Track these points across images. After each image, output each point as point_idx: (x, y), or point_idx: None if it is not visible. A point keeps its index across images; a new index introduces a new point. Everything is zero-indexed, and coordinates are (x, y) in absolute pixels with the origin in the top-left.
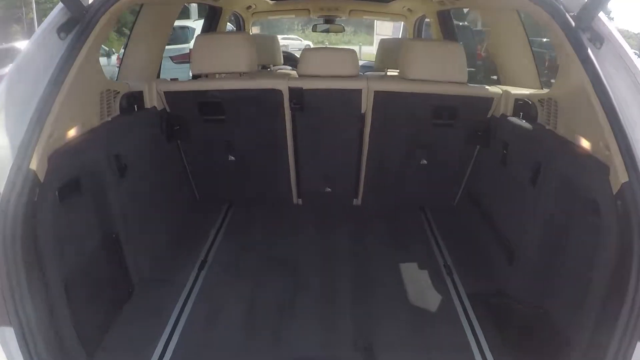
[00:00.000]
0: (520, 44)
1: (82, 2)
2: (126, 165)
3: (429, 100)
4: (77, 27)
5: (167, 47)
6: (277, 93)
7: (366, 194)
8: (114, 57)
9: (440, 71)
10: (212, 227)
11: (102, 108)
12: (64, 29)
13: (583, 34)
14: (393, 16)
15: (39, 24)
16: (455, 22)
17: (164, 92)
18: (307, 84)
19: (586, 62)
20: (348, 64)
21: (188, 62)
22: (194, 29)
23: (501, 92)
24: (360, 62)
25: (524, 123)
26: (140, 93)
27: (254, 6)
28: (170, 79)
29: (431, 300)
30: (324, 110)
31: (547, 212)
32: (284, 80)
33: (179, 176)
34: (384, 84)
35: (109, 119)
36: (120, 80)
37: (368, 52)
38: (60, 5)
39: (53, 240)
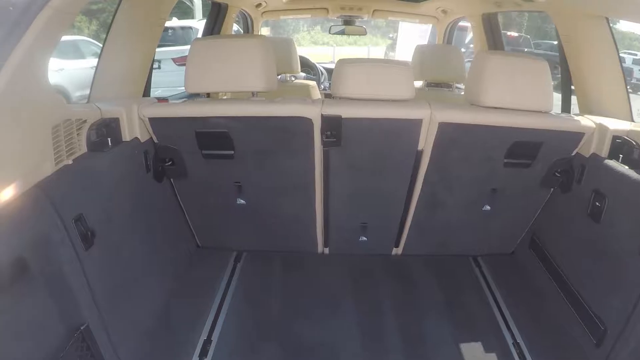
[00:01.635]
0: (609, 61)
1: None
2: (94, 232)
3: (506, 135)
4: None
5: (168, 48)
6: (306, 122)
7: (409, 242)
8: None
9: (524, 98)
10: (217, 287)
11: (58, 147)
12: None
13: None
14: (422, 18)
15: None
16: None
17: (149, 119)
18: (346, 111)
19: None
20: (403, 84)
21: None
22: (197, 30)
23: (594, 125)
24: None
25: (628, 171)
26: (116, 120)
27: (264, 4)
28: (158, 99)
29: None
30: (367, 145)
31: None
32: (315, 106)
33: (173, 221)
34: (453, 114)
35: (70, 161)
36: (92, 101)
37: (377, 55)
38: None
39: None
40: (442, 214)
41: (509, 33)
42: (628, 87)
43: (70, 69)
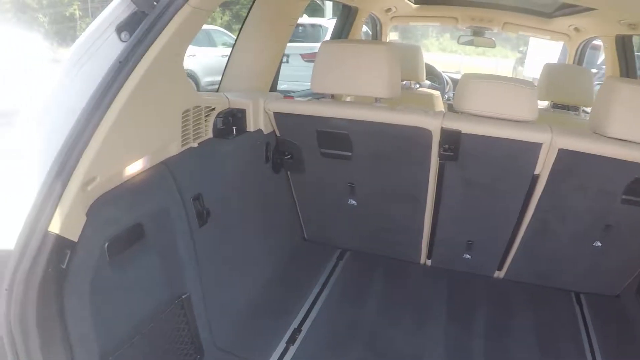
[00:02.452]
0: None
1: None
2: (209, 212)
3: (627, 169)
4: (143, 24)
5: (297, 44)
6: (425, 133)
7: (513, 267)
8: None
9: None
10: (316, 280)
11: (185, 130)
12: (126, 27)
13: None
14: (553, 34)
15: None
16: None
17: (274, 113)
18: (467, 127)
19: None
20: (526, 105)
21: None
22: (327, 28)
23: None
24: None
25: None
26: (243, 111)
27: (394, 9)
28: (284, 96)
29: None
30: (484, 162)
31: None
32: (436, 118)
33: (284, 212)
34: (575, 141)
35: (195, 144)
36: (221, 91)
37: (505, 68)
38: None
39: (92, 312)
40: (551, 243)
41: None
42: None
43: (201, 56)
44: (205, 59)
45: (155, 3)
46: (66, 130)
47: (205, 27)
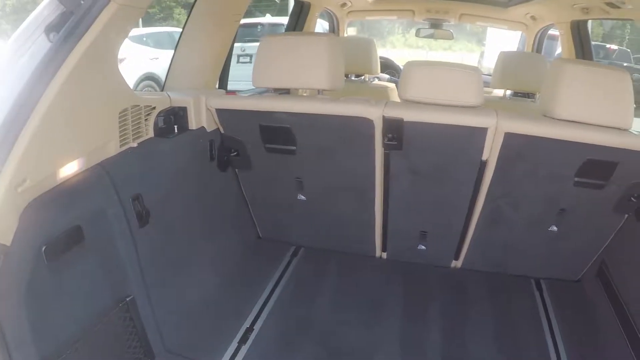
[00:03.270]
0: None
1: None
2: (149, 212)
3: (578, 151)
4: (68, 23)
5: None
6: (367, 123)
7: (470, 256)
8: None
9: (602, 112)
10: (269, 278)
11: (124, 130)
12: (54, 27)
13: None
14: (511, 24)
15: None
16: None
17: (216, 110)
18: (410, 114)
19: None
20: (470, 90)
21: None
22: (283, 25)
23: None
24: None
25: None
26: (184, 109)
27: (349, 3)
28: (227, 92)
29: None
30: (429, 151)
31: None
32: (377, 107)
33: (235, 210)
34: (521, 124)
35: (135, 144)
36: (166, 90)
37: (471, 62)
38: None
39: (27, 316)
40: (506, 230)
41: (607, 45)
42: None
43: (165, 58)
44: (169, 61)
45: (82, 2)
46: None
47: (168, 28)
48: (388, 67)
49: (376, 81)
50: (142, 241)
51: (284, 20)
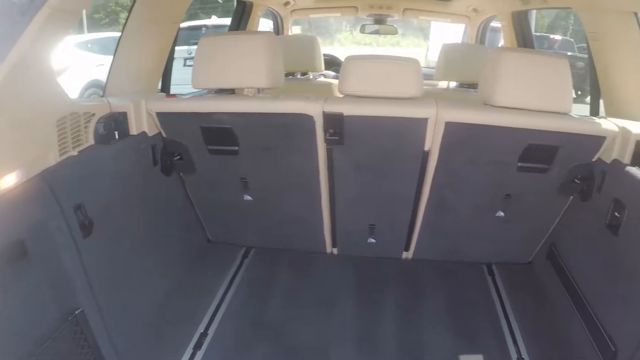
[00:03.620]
0: (638, 61)
1: None
2: (91, 222)
3: (520, 137)
4: None
5: None
6: (307, 119)
7: (419, 246)
8: None
9: (541, 98)
10: (220, 282)
11: (63, 139)
12: None
13: None
14: (453, 17)
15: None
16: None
17: (157, 113)
18: (349, 109)
19: None
20: (409, 82)
21: None
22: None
23: (617, 129)
24: None
25: None
26: (124, 115)
27: (292, 2)
28: (167, 95)
29: None
30: (371, 144)
31: None
32: (317, 103)
33: (183, 215)
34: (460, 113)
35: (75, 152)
36: (106, 96)
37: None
38: None
39: None
40: (453, 218)
41: (551, 36)
42: None
43: (109, 64)
44: None
45: (10, 6)
46: None
47: (114, 34)
48: (333, 64)
49: (322, 78)
50: (87, 252)
51: (226, 21)
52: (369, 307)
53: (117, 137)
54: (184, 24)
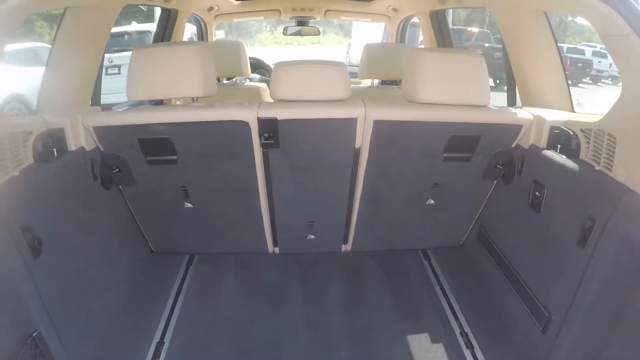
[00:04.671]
0: (548, 54)
1: None
2: (40, 241)
3: (443, 130)
4: None
5: (126, 53)
6: (243, 125)
7: (357, 238)
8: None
9: (460, 93)
10: (169, 291)
11: (3, 160)
12: None
13: None
14: (374, 17)
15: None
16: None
17: (93, 128)
18: (282, 113)
19: None
20: (337, 84)
21: None
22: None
23: (532, 117)
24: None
25: (565, 160)
26: (61, 131)
27: (216, 7)
28: (102, 108)
29: None
30: (305, 145)
31: (601, 280)
32: (251, 109)
33: (124, 227)
34: (387, 111)
35: (16, 172)
36: (39, 111)
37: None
38: None
39: None
40: (387, 209)
41: (469, 29)
42: (588, 78)
43: (30, 77)
44: (35, 79)
45: None
46: None
47: (31, 44)
48: (258, 67)
49: (248, 82)
50: (38, 272)
51: (151, 26)
52: (315, 299)
53: (55, 154)
54: None
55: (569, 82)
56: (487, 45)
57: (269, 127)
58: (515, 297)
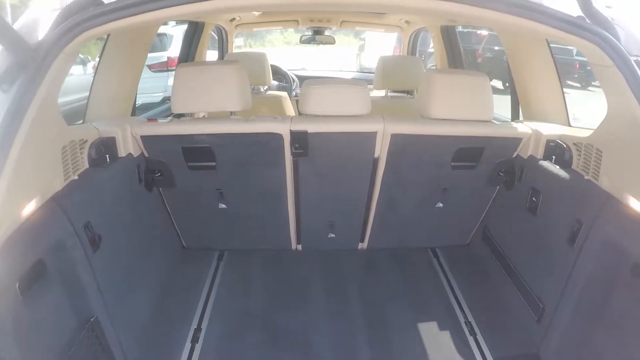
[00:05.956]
0: (548, 74)
1: (28, 43)
2: (100, 237)
3: (451, 142)
4: (24, 74)
5: None
6: (277, 137)
7: (373, 237)
8: (89, 65)
9: (467, 109)
10: (203, 283)
11: (66, 165)
12: (6, 78)
13: None
14: (387, 27)
15: None
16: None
17: (141, 137)
18: (311, 127)
19: None
20: (360, 102)
21: (166, 70)
22: (172, 36)
23: (530, 131)
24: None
25: (559, 170)
26: (113, 139)
27: (238, 18)
28: (148, 119)
29: None
30: (330, 155)
31: (587, 275)
32: (285, 123)
33: (162, 225)
34: (403, 126)
35: (76, 177)
36: (88, 121)
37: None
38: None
39: (19, 349)
40: (400, 211)
41: (479, 32)
42: (596, 81)
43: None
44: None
45: (32, 54)
46: None
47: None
48: (275, 73)
49: (267, 90)
50: (97, 264)
51: (166, 29)
52: (336, 292)
53: (108, 160)
54: None
55: (578, 85)
56: (496, 48)
57: (299, 139)
58: (513, 290)
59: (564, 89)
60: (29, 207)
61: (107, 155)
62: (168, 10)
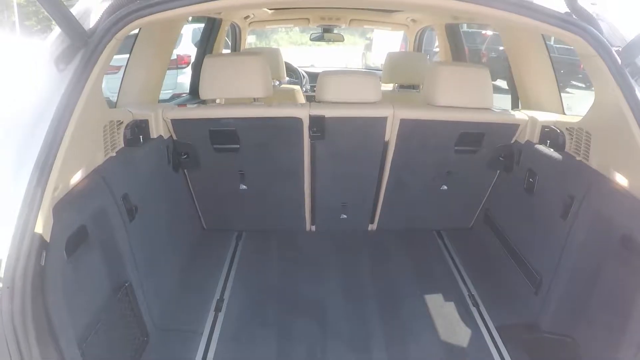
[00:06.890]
0: (544, 66)
1: (84, 27)
2: (136, 207)
3: (454, 127)
4: (80, 56)
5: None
6: (297, 121)
7: (382, 219)
8: None
9: (468, 98)
10: (223, 259)
11: (105, 142)
12: (63, 59)
13: (625, 68)
14: (394, 26)
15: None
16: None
17: (171, 120)
18: (328, 112)
19: (630, 98)
20: (371, 90)
21: (176, 68)
22: (181, 35)
23: (527, 118)
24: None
25: (553, 153)
26: (146, 122)
27: (252, 16)
28: (178, 105)
29: (462, 335)
30: (345, 138)
31: (579, 246)
32: (304, 109)
33: (185, 206)
34: (411, 112)
35: (114, 153)
36: (120, 106)
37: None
38: (58, 31)
39: (65, 306)
40: (408, 192)
41: (483, 32)
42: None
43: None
44: None
45: (87, 39)
46: (38, 142)
47: None
48: (287, 69)
49: (281, 84)
50: (132, 233)
51: None
52: (348, 269)
53: (141, 140)
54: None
55: (582, 85)
56: (501, 48)
57: (317, 123)
58: (513, 265)
59: (569, 89)
60: (76, 177)
61: (141, 136)
62: (201, 5)
